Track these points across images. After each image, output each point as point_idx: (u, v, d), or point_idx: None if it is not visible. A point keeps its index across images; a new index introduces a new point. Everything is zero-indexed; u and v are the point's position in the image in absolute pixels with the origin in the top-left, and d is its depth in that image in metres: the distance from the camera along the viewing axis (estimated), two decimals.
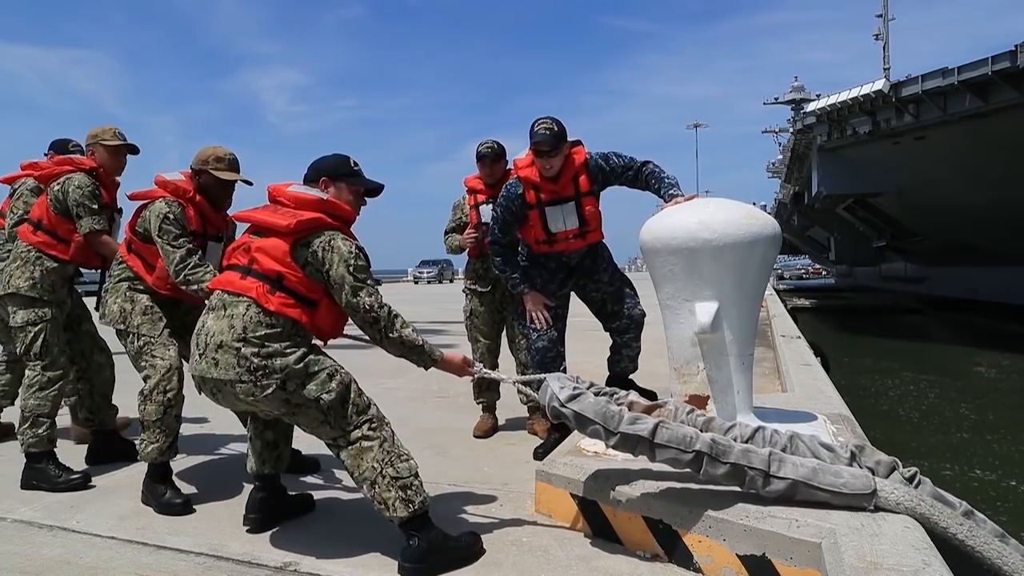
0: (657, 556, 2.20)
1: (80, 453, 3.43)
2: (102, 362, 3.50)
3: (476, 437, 3.85)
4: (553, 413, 2.22)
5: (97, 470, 3.21)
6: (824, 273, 76.94)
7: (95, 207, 3.19)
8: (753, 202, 11.10)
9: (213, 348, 2.23)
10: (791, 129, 35.62)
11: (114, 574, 2.21)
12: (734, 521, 2.02)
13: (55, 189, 3.22)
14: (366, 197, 2.56)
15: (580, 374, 2.46)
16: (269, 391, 2.18)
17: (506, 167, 3.78)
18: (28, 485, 3.02)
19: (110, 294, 3.00)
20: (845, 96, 22.06)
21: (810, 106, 26.34)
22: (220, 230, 3.13)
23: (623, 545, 2.30)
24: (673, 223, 2.61)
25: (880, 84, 20.50)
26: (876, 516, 1.92)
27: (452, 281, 37.16)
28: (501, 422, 4.04)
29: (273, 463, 2.58)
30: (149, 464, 2.79)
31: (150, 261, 2.97)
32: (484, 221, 3.70)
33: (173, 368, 2.82)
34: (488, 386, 3.96)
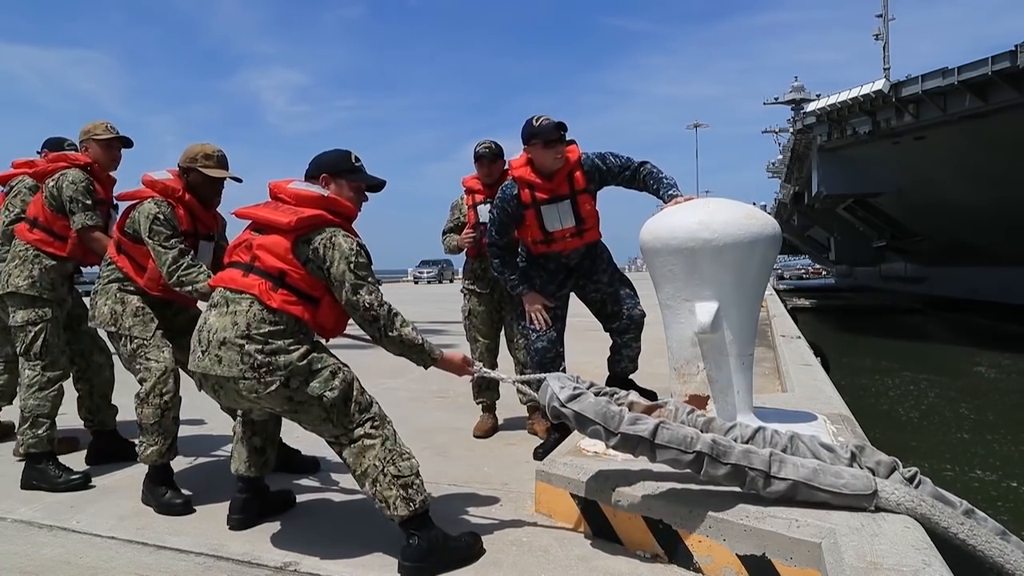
0: (657, 556, 2.20)
1: (80, 453, 3.43)
2: (102, 362, 3.49)
3: (476, 437, 3.85)
4: (553, 413, 2.22)
5: (97, 470, 3.21)
6: (824, 273, 76.89)
7: (89, 202, 3.17)
8: (753, 202, 11.11)
9: (216, 345, 2.22)
10: (791, 129, 35.62)
11: (114, 574, 2.21)
12: (734, 521, 2.02)
13: (50, 185, 3.20)
14: (368, 193, 2.54)
15: (580, 374, 2.46)
16: (272, 388, 2.18)
17: (504, 167, 3.78)
18: (28, 485, 3.01)
19: (100, 295, 2.94)
20: (845, 96, 22.05)
21: (810, 106, 26.34)
22: (211, 228, 3.08)
23: (623, 545, 2.30)
24: (673, 223, 2.61)
25: (880, 84, 20.49)
26: (876, 516, 1.92)
27: (452, 281, 37.11)
28: (501, 422, 4.04)
29: (259, 467, 2.58)
30: (149, 466, 2.79)
31: (140, 262, 2.92)
32: (482, 221, 3.70)
33: (168, 370, 2.80)
34: (488, 386, 3.96)
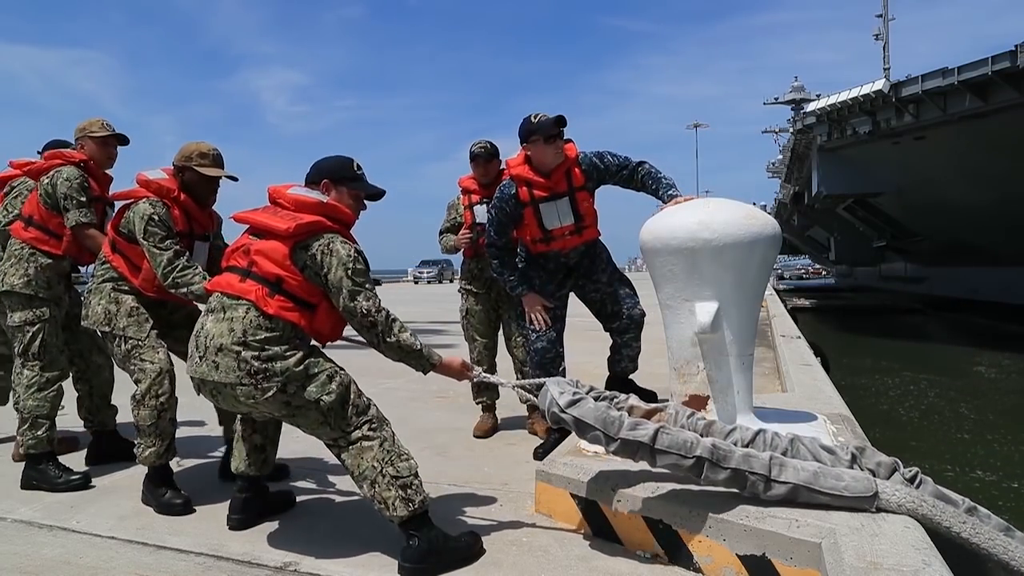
0: (657, 556, 2.20)
1: (80, 453, 3.42)
2: (101, 363, 3.48)
3: (476, 437, 3.85)
4: (553, 418, 2.22)
5: (97, 470, 3.20)
6: (824, 273, 76.86)
7: (83, 200, 3.15)
8: (753, 202, 11.11)
9: (213, 351, 2.22)
10: (791, 129, 35.62)
11: (114, 574, 2.20)
12: (734, 521, 2.02)
13: (44, 183, 3.19)
14: (367, 201, 2.54)
15: (580, 374, 2.46)
16: (270, 394, 2.18)
17: (500, 167, 3.78)
18: (28, 485, 3.01)
19: (93, 295, 2.91)
20: (845, 96, 22.06)
21: (810, 106, 26.35)
22: (206, 228, 3.05)
23: (623, 545, 2.29)
24: (673, 223, 2.61)
25: (880, 84, 20.50)
26: (876, 516, 1.92)
27: (452, 281, 37.11)
28: (501, 422, 4.04)
29: (259, 466, 2.58)
30: (148, 467, 2.78)
31: (135, 262, 2.89)
32: (479, 221, 3.70)
33: (163, 371, 2.78)
34: (487, 386, 3.95)
